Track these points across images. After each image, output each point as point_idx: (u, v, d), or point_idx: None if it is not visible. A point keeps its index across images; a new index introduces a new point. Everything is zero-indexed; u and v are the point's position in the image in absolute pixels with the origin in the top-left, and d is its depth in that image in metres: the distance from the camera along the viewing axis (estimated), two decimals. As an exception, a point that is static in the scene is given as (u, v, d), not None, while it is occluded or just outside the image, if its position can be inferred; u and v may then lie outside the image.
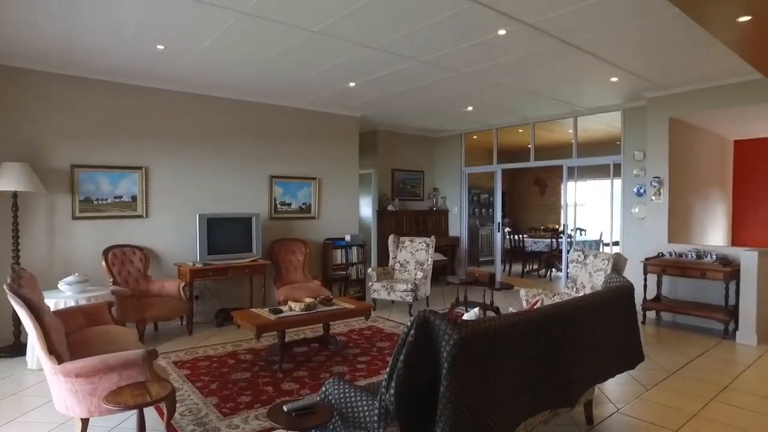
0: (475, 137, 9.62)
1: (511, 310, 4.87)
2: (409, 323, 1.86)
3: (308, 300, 4.59)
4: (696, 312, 5.64)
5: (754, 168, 8.60)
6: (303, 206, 7.30)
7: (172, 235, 6.02)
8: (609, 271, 4.29)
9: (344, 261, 7.44)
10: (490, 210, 11.26)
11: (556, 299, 4.76)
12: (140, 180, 5.77)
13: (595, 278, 4.45)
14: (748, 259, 5.31)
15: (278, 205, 7.03)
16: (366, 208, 9.52)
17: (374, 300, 6.78)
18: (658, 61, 4.98)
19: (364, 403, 2.04)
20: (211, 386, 3.85)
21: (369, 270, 7.01)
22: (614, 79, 5.64)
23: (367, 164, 9.20)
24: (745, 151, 8.67)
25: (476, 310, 2.18)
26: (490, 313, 5.85)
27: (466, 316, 2.17)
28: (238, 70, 5.39)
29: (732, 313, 5.38)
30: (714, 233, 7.96)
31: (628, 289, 2.62)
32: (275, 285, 6.40)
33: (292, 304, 4.43)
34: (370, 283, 6.79)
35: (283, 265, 6.73)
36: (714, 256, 5.56)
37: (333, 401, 2.21)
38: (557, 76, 5.62)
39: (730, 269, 5.32)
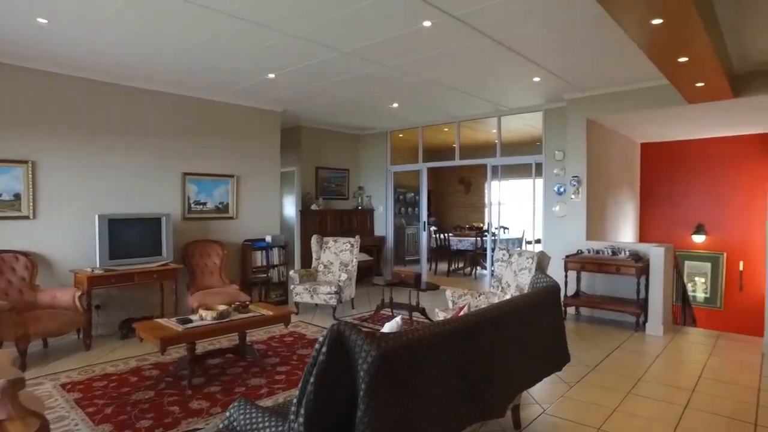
0: (401, 135, 9.53)
1: (437, 311, 4.78)
2: (321, 337, 1.62)
3: (221, 308, 4.22)
4: (611, 306, 5.85)
5: (657, 170, 9.18)
6: (220, 206, 6.83)
7: (67, 238, 5.35)
8: (533, 270, 4.29)
9: (265, 263, 7.06)
10: (416, 209, 11.25)
11: (482, 300, 4.72)
12: (25, 176, 5.06)
13: (519, 277, 4.44)
14: (656, 254, 5.56)
15: (192, 205, 6.51)
16: (290, 208, 9.15)
17: (297, 304, 6.47)
18: (577, 62, 5.08)
19: (274, 430, 1.78)
20: (105, 411, 3.38)
21: (291, 272, 6.68)
22: (537, 79, 5.71)
23: (290, 162, 8.83)
24: (650, 154, 9.23)
25: (398, 319, 1.98)
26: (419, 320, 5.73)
27: (386, 327, 1.97)
28: (140, 55, 4.88)
29: (642, 306, 5.62)
30: (625, 230, 8.38)
31: (555, 289, 2.55)
32: (189, 291, 5.91)
33: (203, 313, 4.04)
34: (293, 286, 6.46)
35: (198, 269, 6.24)
36: (627, 253, 5.79)
37: (238, 428, 1.92)
38: (483, 74, 5.59)
39: (641, 265, 5.54)
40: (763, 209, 7.87)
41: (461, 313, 2.24)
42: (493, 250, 7.74)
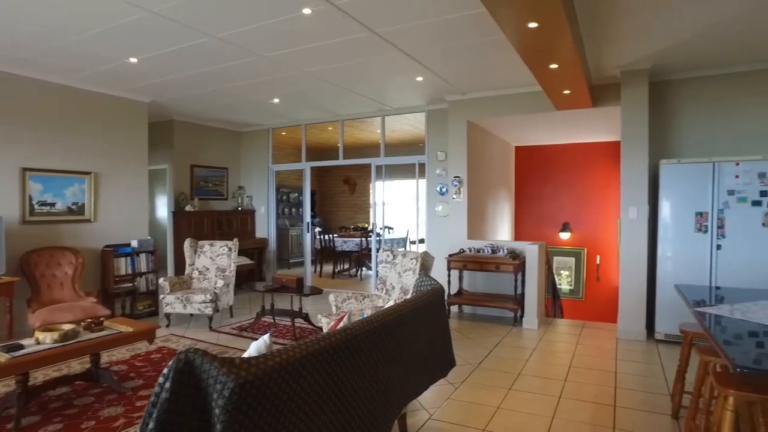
0: (283, 133, 9.14)
1: (320, 317, 4.55)
2: (166, 369, 1.30)
3: (67, 327, 3.58)
4: (492, 303, 6.05)
5: (530, 172, 9.82)
6: (74, 207, 5.95)
7: None
8: (418, 271, 4.23)
9: (131, 271, 6.29)
10: (300, 209, 10.91)
11: (367, 303, 4.57)
12: None
13: (404, 278, 4.36)
14: (531, 251, 5.86)
15: (36, 206, 5.58)
16: (162, 209, 8.33)
17: (168, 315, 5.83)
18: (459, 64, 5.15)
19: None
20: None
21: (161, 280, 6.01)
22: (420, 79, 5.72)
23: (161, 158, 8.03)
24: (524, 157, 9.85)
25: (266, 338, 1.72)
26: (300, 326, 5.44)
27: (251, 349, 1.70)
28: (-40, 25, 4.03)
29: (520, 301, 5.89)
30: (503, 229, 8.82)
31: (440, 292, 2.45)
32: (29, 308, 5.03)
33: (41, 336, 3.38)
34: (162, 296, 5.82)
35: (44, 282, 5.36)
36: (505, 251, 6.03)
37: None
38: (367, 72, 5.47)
39: (518, 262, 5.80)
40: (615, 209, 8.74)
41: (340, 324, 2.04)
42: (378, 250, 7.70)
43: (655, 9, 3.77)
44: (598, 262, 9.41)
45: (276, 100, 6.88)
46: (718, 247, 4.91)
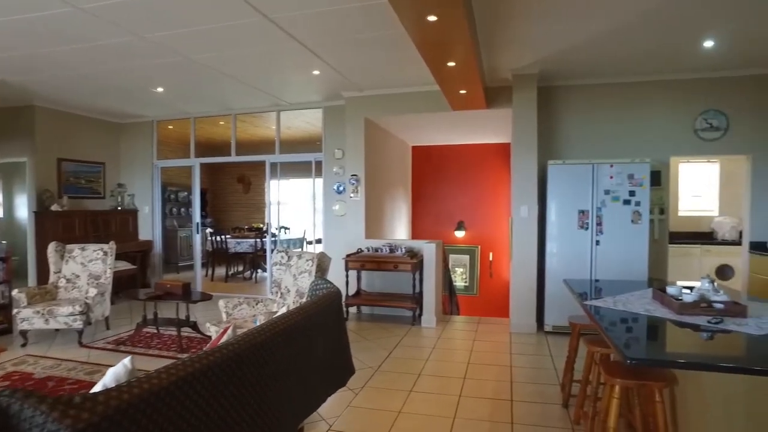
0: (170, 127, 8.41)
1: (209, 325, 4.16)
2: None
3: None
4: (391, 303, 6.00)
5: (426, 171, 10.01)
6: None
7: None
8: (314, 272, 4.02)
9: (-25, 282, 5.35)
10: (190, 209, 10.15)
11: (260, 308, 4.27)
12: None
13: (300, 280, 4.13)
14: (429, 250, 5.90)
15: None
16: (22, 209, 7.26)
17: (24, 332, 5.02)
18: (357, 59, 5.01)
19: None
20: None
21: (15, 292, 5.17)
22: (316, 73, 5.50)
23: (18, 150, 6.99)
24: (420, 156, 10.01)
25: (126, 361, 1.41)
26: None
27: (107, 378, 1.38)
28: None
29: (418, 300, 5.90)
30: (400, 228, 8.87)
31: (336, 296, 2.27)
32: None
33: None
34: (17, 310, 5.01)
35: None
36: (403, 250, 6.01)
37: None
38: (261, 62, 5.12)
39: (415, 261, 5.80)
40: (507, 208, 9.18)
41: (223, 338, 1.77)
42: (273, 251, 7.35)
43: (539, 17, 3.92)
44: (491, 259, 9.83)
45: (160, 89, 6.27)
46: (597, 242, 5.27)
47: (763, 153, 5.52)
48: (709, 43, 4.57)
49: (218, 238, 9.69)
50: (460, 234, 9.87)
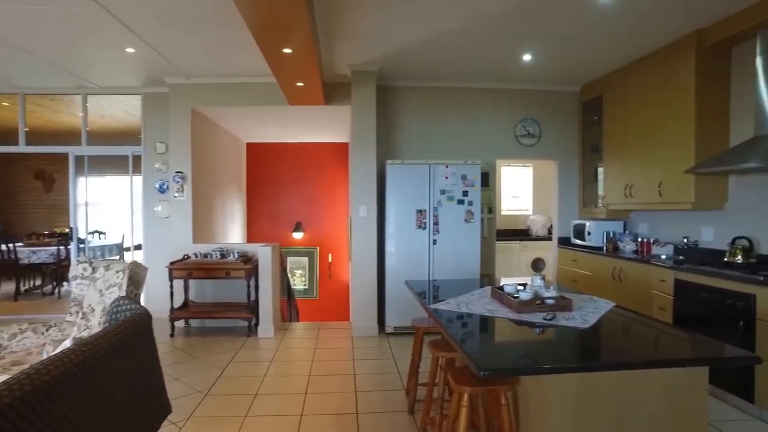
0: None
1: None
2: None
3: None
4: (223, 314, 5.42)
5: (262, 170, 9.46)
6: None
7: None
8: (125, 286, 3.34)
9: None
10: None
11: (52, 334, 3.43)
12: None
13: (108, 297, 3.40)
14: (264, 254, 5.45)
15: None
16: None
17: None
18: (181, 38, 4.36)
19: None
20: None
21: None
22: (131, 50, 4.68)
23: None
24: (256, 154, 9.43)
25: None
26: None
27: None
28: None
29: (254, 308, 5.43)
30: (234, 231, 8.21)
31: (143, 319, 1.77)
32: None
33: None
34: None
35: None
36: (236, 255, 5.48)
37: None
38: (56, 29, 4.16)
39: (250, 266, 5.33)
40: (346, 208, 9.11)
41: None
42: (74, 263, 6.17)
43: (376, 12, 3.81)
44: (330, 260, 9.68)
45: None
46: (434, 242, 5.39)
47: (566, 159, 6.23)
48: (527, 57, 4.96)
49: (4, 247, 7.91)
50: (298, 235, 9.54)
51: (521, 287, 2.87)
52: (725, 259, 4.01)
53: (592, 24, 4.06)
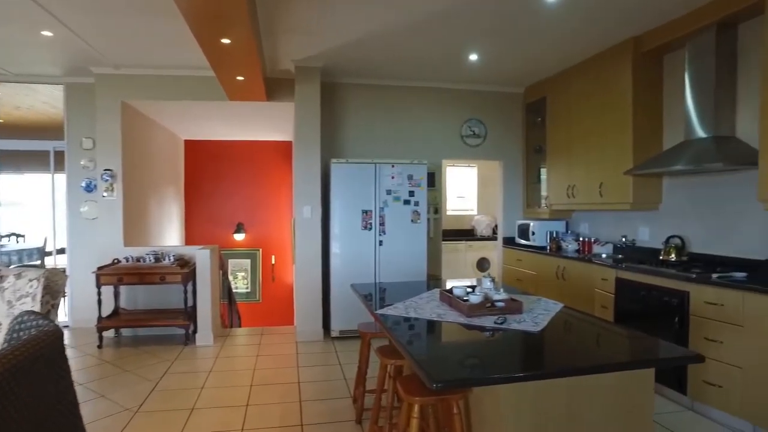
0: None
1: None
2: None
3: None
4: (158, 321, 5.06)
5: (202, 169, 9.03)
6: None
7: None
8: (40, 296, 3.00)
9: None
10: None
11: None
12: None
13: (18, 309, 3.05)
14: (202, 257, 5.15)
15: None
16: None
17: None
18: (107, 23, 4.01)
19: None
20: None
21: None
22: (48, 34, 4.26)
23: None
24: (194, 151, 8.98)
25: None
26: None
27: None
28: None
29: (191, 315, 5.12)
30: (170, 233, 7.77)
31: (52, 340, 1.53)
32: None
33: None
34: None
35: None
36: (172, 258, 5.15)
37: None
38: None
39: (187, 270, 5.02)
40: (290, 208, 8.85)
41: None
42: (-7, 267, 5.59)
43: (318, 5, 3.65)
44: (273, 262, 9.39)
45: None
46: (380, 243, 5.29)
47: (511, 160, 6.31)
48: (473, 57, 4.95)
49: None
50: (239, 237, 9.18)
51: (470, 290, 2.81)
52: (660, 258, 4.16)
53: (536, 25, 4.09)
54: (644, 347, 2.14)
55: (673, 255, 4.07)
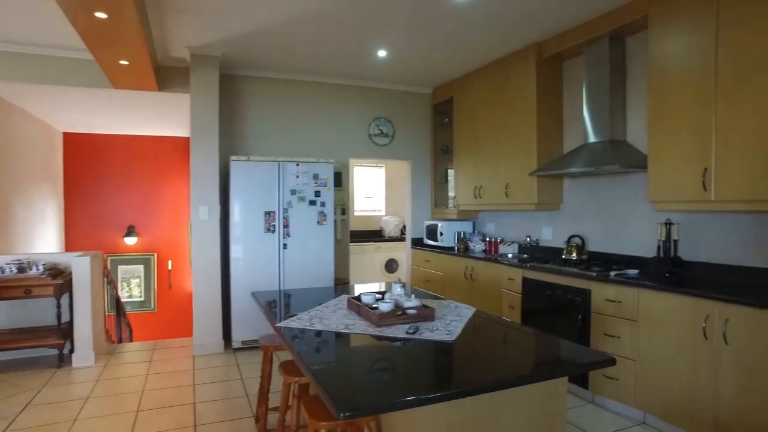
0: None
1: None
2: None
3: None
4: (23, 343, 4.34)
5: (85, 165, 8.11)
6: None
7: None
8: None
9: None
10: None
11: None
12: None
13: None
14: (79, 265, 4.51)
15: None
16: None
17: None
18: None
19: None
20: None
21: None
22: None
23: None
24: (76, 146, 8.04)
25: None
26: None
27: None
28: None
29: (66, 332, 4.48)
30: (45, 238, 6.86)
31: None
32: None
33: None
34: None
35: None
36: (41, 267, 4.47)
37: None
38: None
39: (61, 281, 4.37)
40: (187, 210, 8.20)
41: None
42: None
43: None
44: (170, 267, 8.67)
45: None
46: (285, 246, 4.99)
47: (419, 160, 6.28)
48: (382, 53, 4.82)
49: None
50: (131, 241, 8.36)
51: (380, 296, 2.65)
52: (563, 257, 4.29)
53: (445, 24, 4.03)
54: (560, 354, 2.09)
55: (574, 254, 4.21)
